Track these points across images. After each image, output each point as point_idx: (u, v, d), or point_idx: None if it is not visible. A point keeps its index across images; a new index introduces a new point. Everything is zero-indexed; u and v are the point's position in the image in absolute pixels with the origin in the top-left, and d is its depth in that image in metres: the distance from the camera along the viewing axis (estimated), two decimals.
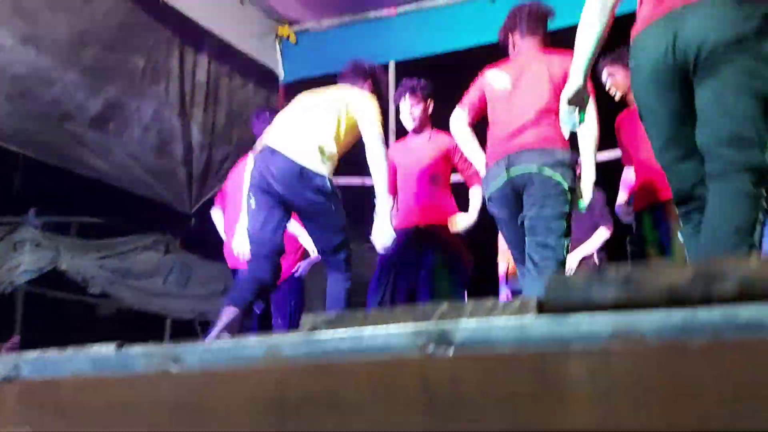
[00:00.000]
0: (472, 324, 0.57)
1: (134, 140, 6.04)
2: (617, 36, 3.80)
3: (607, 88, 3.70)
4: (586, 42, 2.20)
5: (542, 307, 0.57)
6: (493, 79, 3.20)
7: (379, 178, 3.31)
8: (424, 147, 4.01)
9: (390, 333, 0.61)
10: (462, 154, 3.63)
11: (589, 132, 2.88)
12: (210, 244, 8.42)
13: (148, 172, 6.38)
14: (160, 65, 5.67)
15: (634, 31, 2.08)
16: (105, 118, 5.73)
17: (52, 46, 5.01)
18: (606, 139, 3.46)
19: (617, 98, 3.66)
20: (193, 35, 5.66)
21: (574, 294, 0.56)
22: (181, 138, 6.27)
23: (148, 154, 6.22)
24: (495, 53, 5.77)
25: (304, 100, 3.68)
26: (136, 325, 8.34)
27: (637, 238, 3.49)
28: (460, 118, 3.24)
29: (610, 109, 3.68)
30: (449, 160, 3.98)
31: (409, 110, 3.90)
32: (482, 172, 3.16)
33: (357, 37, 5.82)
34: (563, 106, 2.36)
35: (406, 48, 5.72)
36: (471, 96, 3.27)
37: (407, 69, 5.77)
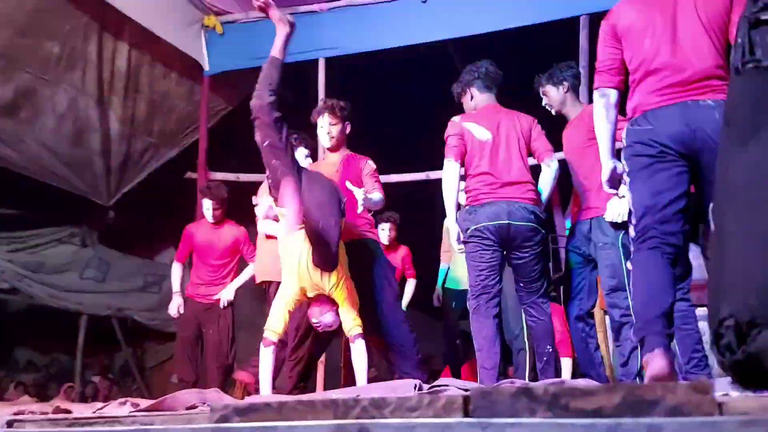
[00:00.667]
0: (393, 423, 0.55)
1: (48, 129, 5.73)
2: (551, 58, 3.91)
3: (543, 104, 3.81)
4: (604, 134, 2.66)
5: (468, 412, 0.56)
6: (474, 131, 3.53)
7: None
8: (335, 167, 3.93)
9: (307, 428, 0.58)
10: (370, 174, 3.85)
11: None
12: (130, 238, 8.16)
13: (62, 163, 6.09)
14: (76, 52, 5.39)
15: (647, 105, 2.50)
16: (16, 105, 5.41)
17: None
18: None
19: (553, 112, 3.78)
20: (112, 22, 5.40)
21: (501, 405, 0.55)
22: (99, 128, 6.00)
23: (62, 143, 5.93)
24: (424, 55, 5.83)
25: None
26: (49, 323, 7.97)
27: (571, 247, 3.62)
28: (453, 171, 3.48)
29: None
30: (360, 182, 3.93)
31: (327, 129, 3.85)
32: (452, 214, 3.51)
33: None
34: (605, 187, 2.72)
35: (336, 45, 5.65)
36: (457, 148, 3.51)
37: (337, 66, 5.73)
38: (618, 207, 3.19)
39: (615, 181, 2.65)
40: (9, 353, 8.69)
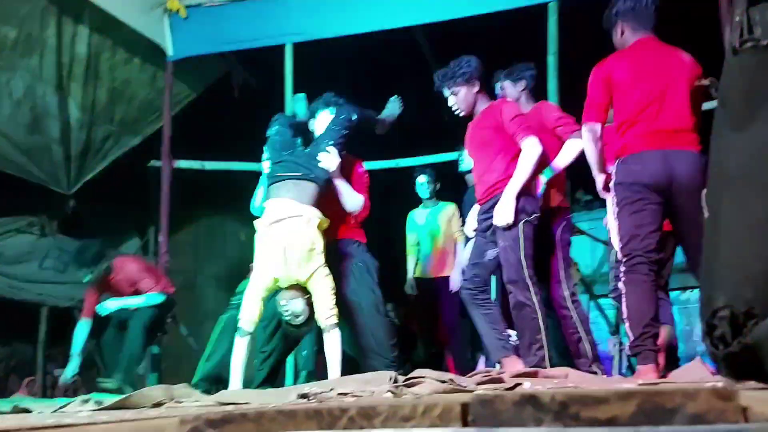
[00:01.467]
0: None
1: (4, 116, 5.53)
2: (519, 45, 3.89)
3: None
4: (594, 159, 3.08)
5: (466, 422, 0.53)
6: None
7: None
8: None
9: None
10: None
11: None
12: (91, 228, 7.95)
13: (19, 150, 5.89)
14: (33, 37, 5.20)
15: (635, 147, 2.93)
16: None
17: None
18: None
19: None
20: (71, 5, 5.22)
21: (504, 414, 0.51)
22: (58, 114, 5.81)
23: (19, 131, 5.73)
24: (394, 40, 5.77)
25: None
26: (8, 314, 7.74)
27: None
28: None
29: None
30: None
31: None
32: None
33: (252, 15, 5.57)
34: (602, 193, 3.15)
35: (304, 30, 5.55)
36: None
37: (304, 52, 5.63)
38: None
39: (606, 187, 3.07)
40: None
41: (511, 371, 2.69)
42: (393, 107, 4.06)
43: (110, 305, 4.80)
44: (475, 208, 3.61)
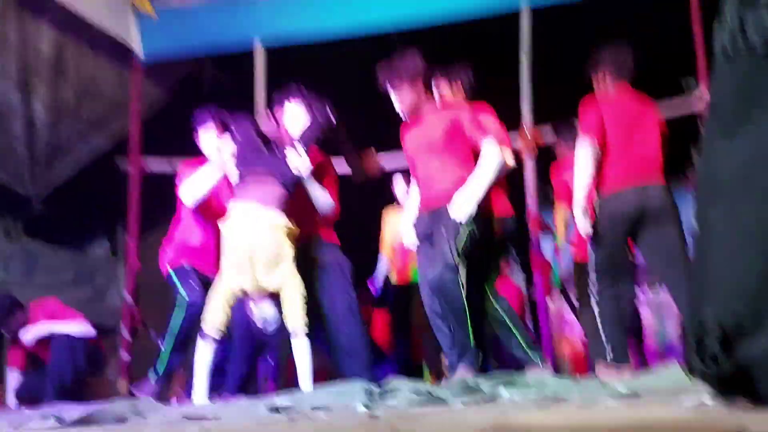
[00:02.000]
0: None
1: None
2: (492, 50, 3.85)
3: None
4: (585, 185, 3.28)
5: None
6: None
7: None
8: None
9: None
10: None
11: None
12: (58, 230, 7.77)
13: None
14: None
15: (613, 187, 3.37)
16: None
17: None
18: None
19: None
20: (34, 2, 5.06)
21: None
22: (21, 115, 5.64)
23: None
24: (365, 44, 5.70)
25: None
26: None
27: None
28: None
29: None
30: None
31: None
32: None
33: (223, 16, 5.44)
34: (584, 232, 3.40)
35: (274, 32, 5.44)
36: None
37: (275, 54, 5.53)
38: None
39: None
40: None
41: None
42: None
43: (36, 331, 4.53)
44: (409, 216, 3.42)
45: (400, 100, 3.31)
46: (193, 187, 3.75)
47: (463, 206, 3.04)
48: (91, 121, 6.14)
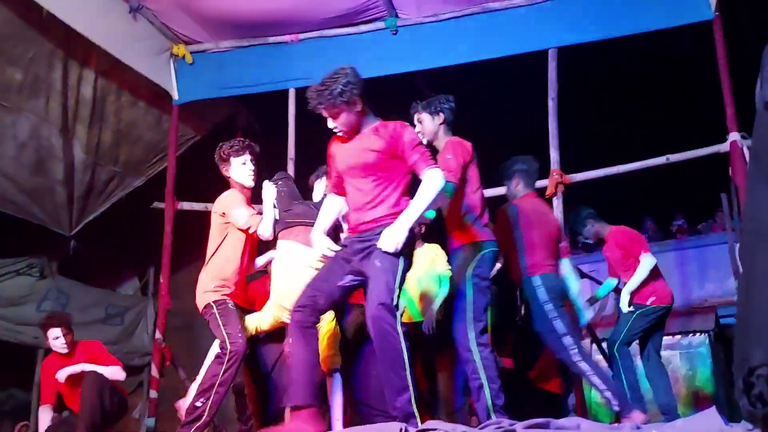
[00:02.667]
0: None
1: (8, 157, 5.56)
2: (519, 90, 3.92)
3: (416, 131, 3.52)
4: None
5: None
6: None
7: None
8: None
9: None
10: None
11: None
12: (91, 269, 7.92)
13: (22, 191, 5.91)
14: (40, 79, 5.26)
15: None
16: None
17: None
18: None
19: (425, 142, 3.52)
20: (79, 49, 5.29)
21: None
22: (62, 156, 5.85)
23: (23, 172, 5.75)
24: (397, 84, 5.85)
25: None
26: (4, 357, 7.64)
27: None
28: None
29: None
30: None
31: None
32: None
33: (256, 61, 5.66)
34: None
35: (307, 75, 5.61)
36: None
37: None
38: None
39: None
40: None
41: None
42: None
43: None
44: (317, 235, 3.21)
45: (338, 124, 3.05)
46: (268, 223, 3.74)
47: (391, 239, 2.83)
48: (128, 163, 6.33)
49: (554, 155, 4.97)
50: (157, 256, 6.18)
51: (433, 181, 2.89)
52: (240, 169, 3.81)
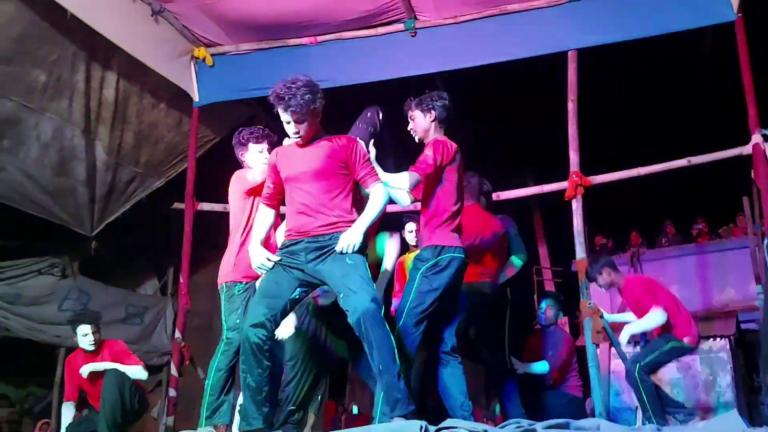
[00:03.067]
0: None
1: (31, 158, 5.65)
2: (539, 92, 3.91)
3: (408, 128, 3.69)
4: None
5: None
6: None
7: None
8: None
9: None
10: None
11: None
12: (112, 269, 8.02)
13: (44, 192, 5.99)
14: (63, 81, 5.34)
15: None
16: None
17: None
18: None
19: (416, 139, 3.66)
20: (102, 51, 5.36)
21: None
22: (84, 157, 5.93)
23: (46, 172, 5.84)
24: (416, 86, 5.85)
25: None
26: (25, 356, 7.74)
27: None
28: None
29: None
30: None
31: None
32: None
33: (275, 63, 5.67)
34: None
35: (326, 77, 5.63)
36: None
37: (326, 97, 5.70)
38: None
39: None
40: None
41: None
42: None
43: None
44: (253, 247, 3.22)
45: (300, 130, 3.11)
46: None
47: (349, 240, 2.98)
48: (148, 164, 6.39)
49: (574, 157, 4.93)
50: (176, 257, 6.24)
51: (380, 195, 3.12)
52: (256, 156, 3.82)
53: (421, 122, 3.64)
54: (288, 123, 3.09)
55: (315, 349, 3.61)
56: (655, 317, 4.69)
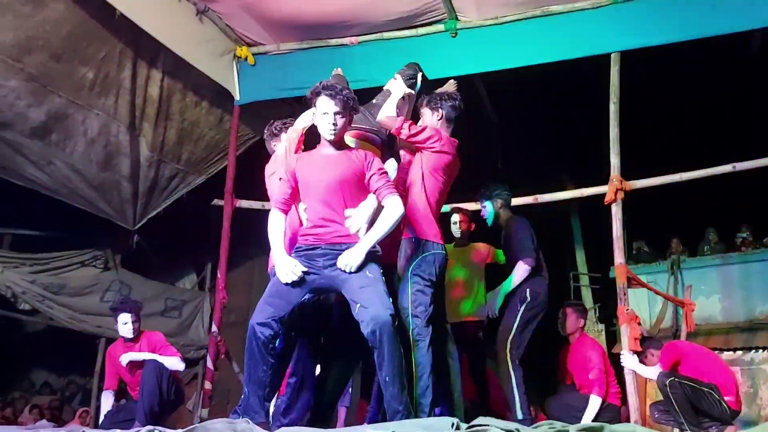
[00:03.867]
0: None
1: (78, 153, 5.80)
2: (581, 94, 3.84)
3: (417, 124, 3.68)
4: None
5: None
6: None
7: None
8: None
9: None
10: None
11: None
12: (152, 263, 8.19)
13: (90, 186, 6.15)
14: (110, 78, 5.46)
15: None
16: (47, 128, 5.48)
17: None
18: None
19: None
20: (147, 49, 5.48)
21: None
22: (129, 153, 6.06)
23: (91, 167, 5.98)
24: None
25: None
26: (67, 345, 7.96)
27: None
28: None
29: None
30: None
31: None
32: None
33: (316, 63, 5.73)
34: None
35: (366, 77, 5.67)
36: None
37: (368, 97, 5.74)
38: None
39: None
40: (26, 375, 8.69)
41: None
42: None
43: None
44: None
45: (337, 123, 3.16)
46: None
47: (352, 259, 3.01)
48: (190, 161, 6.51)
49: (614, 161, 4.86)
50: (214, 253, 6.34)
51: (394, 209, 3.10)
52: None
53: (428, 120, 3.69)
54: (325, 114, 3.13)
55: (344, 344, 3.62)
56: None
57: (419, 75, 3.96)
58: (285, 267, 3.05)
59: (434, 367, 3.22)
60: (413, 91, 3.89)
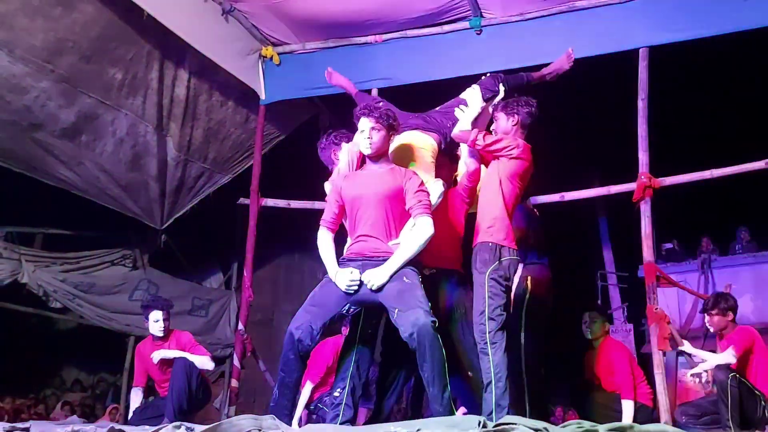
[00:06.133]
0: None
1: (107, 153, 5.88)
2: (608, 90, 3.78)
3: (491, 128, 3.74)
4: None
5: None
6: None
7: None
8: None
9: None
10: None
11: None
12: (180, 262, 8.28)
13: (119, 186, 6.24)
14: (138, 78, 5.53)
15: None
16: (77, 129, 5.58)
17: (26, 53, 4.84)
18: None
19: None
20: (174, 50, 5.53)
21: None
22: (156, 153, 6.13)
23: (120, 167, 6.07)
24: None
25: None
26: (97, 343, 8.08)
27: None
28: None
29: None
30: None
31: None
32: None
33: (341, 62, 5.70)
34: None
35: (390, 75, 5.67)
36: None
37: (390, 96, 5.73)
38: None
39: None
40: (57, 372, 8.85)
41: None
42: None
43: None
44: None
45: (373, 138, 3.28)
46: None
47: (379, 278, 3.08)
48: (216, 160, 6.57)
49: (643, 158, 4.78)
50: (241, 252, 6.39)
51: (425, 229, 3.14)
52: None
53: (503, 125, 3.69)
54: (362, 131, 3.27)
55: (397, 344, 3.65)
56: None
57: (501, 88, 3.94)
58: (343, 278, 3.14)
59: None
60: (491, 105, 3.89)
